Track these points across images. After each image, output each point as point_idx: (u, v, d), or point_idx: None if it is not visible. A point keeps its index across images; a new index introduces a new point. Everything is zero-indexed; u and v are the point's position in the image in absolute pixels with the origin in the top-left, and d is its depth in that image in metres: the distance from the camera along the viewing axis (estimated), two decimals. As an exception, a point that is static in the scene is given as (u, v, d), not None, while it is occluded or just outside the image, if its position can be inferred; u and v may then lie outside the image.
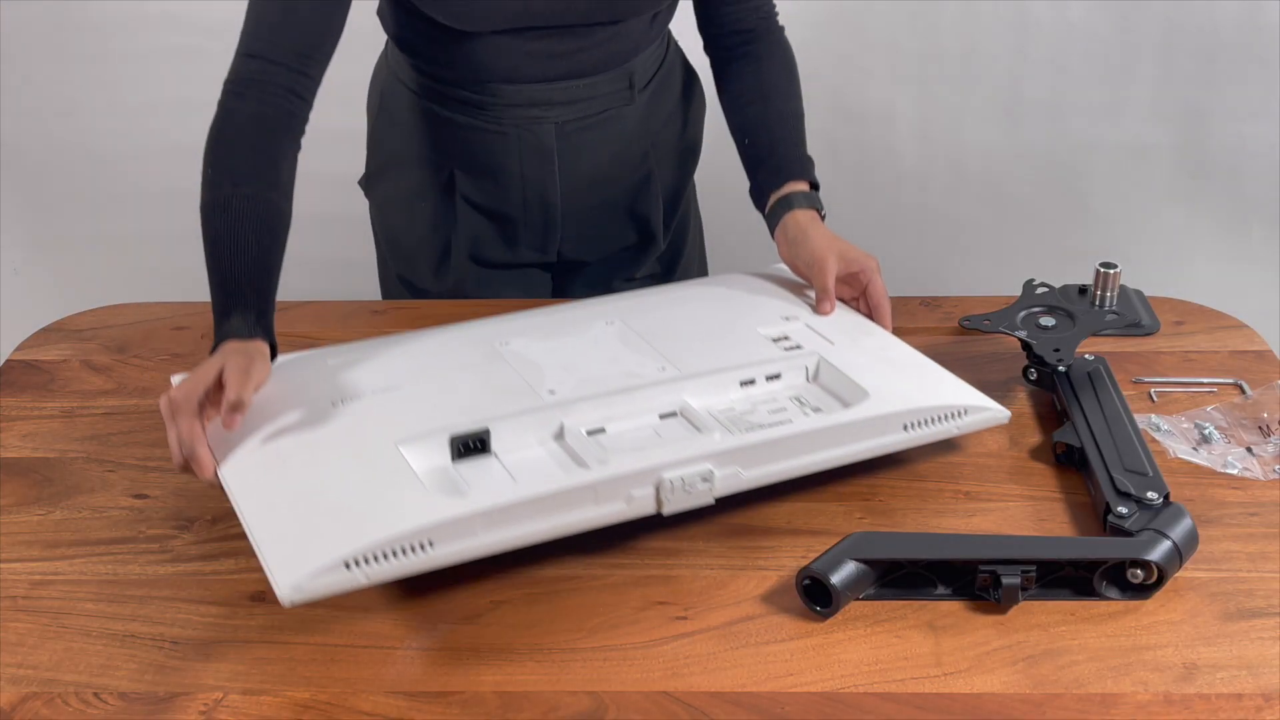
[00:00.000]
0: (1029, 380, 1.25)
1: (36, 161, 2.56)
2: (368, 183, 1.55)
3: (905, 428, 1.10)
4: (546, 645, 0.96)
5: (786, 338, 1.21)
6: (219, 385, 1.04)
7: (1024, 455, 1.17)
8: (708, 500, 1.02)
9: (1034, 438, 1.19)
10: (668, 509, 1.01)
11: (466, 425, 1.04)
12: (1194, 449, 1.16)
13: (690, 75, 1.51)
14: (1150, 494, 1.04)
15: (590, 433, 1.06)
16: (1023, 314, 1.30)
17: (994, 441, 1.18)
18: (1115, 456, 1.10)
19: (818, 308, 1.26)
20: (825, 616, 0.97)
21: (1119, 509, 1.03)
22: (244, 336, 1.09)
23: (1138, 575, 0.98)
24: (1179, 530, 1.00)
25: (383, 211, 1.54)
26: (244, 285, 1.12)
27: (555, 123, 1.39)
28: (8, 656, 0.95)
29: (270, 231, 1.15)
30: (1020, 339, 1.26)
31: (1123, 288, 1.40)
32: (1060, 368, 1.22)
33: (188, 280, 2.69)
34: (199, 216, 1.15)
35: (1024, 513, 1.09)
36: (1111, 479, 1.07)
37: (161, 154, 2.54)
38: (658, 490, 1.00)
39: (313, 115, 1.26)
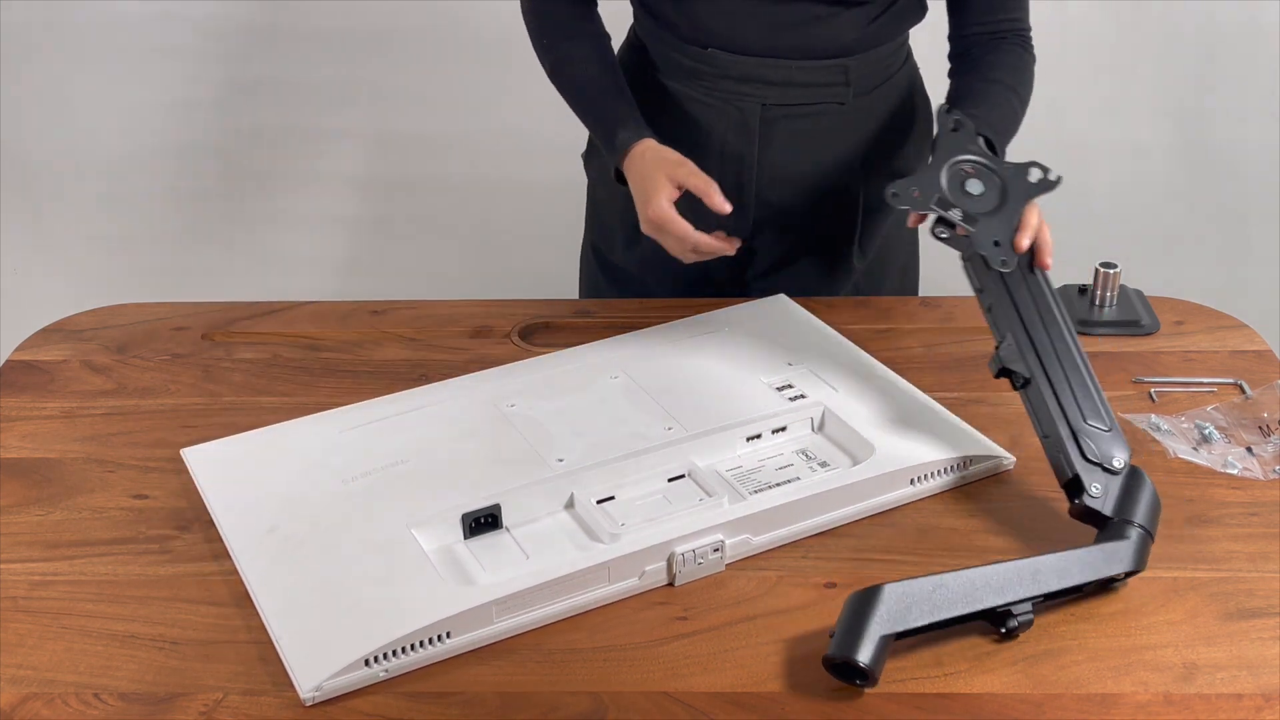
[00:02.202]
0: (938, 238, 1.14)
1: (36, 161, 2.56)
2: (588, 156, 1.57)
3: (912, 482, 1.10)
4: (546, 645, 0.96)
5: (790, 385, 1.21)
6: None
7: (1028, 455, 1.16)
8: (719, 569, 1.03)
9: (1034, 437, 1.19)
10: (680, 581, 1.02)
11: (477, 501, 1.05)
12: (1194, 449, 1.16)
13: (922, 101, 1.49)
14: (1115, 461, 1.03)
15: (600, 501, 1.07)
16: (947, 171, 1.15)
17: (995, 439, 1.18)
18: (1072, 399, 1.06)
19: (1017, 241, 1.14)
20: (868, 686, 0.92)
21: (1093, 487, 1.02)
22: (637, 140, 1.30)
23: (1119, 576, 0.98)
24: (1148, 511, 1.01)
25: (594, 185, 1.58)
26: (617, 103, 1.35)
27: (762, 102, 1.39)
28: (8, 657, 0.95)
29: (608, 60, 1.40)
30: (957, 222, 1.12)
31: (1123, 288, 1.40)
32: (1004, 270, 1.11)
33: (188, 280, 2.71)
34: (552, 85, 1.40)
35: (1023, 510, 1.09)
36: (1078, 442, 1.04)
37: (161, 154, 2.54)
38: (670, 564, 1.01)
39: (313, 116, 1.26)
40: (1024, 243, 1.14)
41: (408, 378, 1.29)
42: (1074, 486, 1.03)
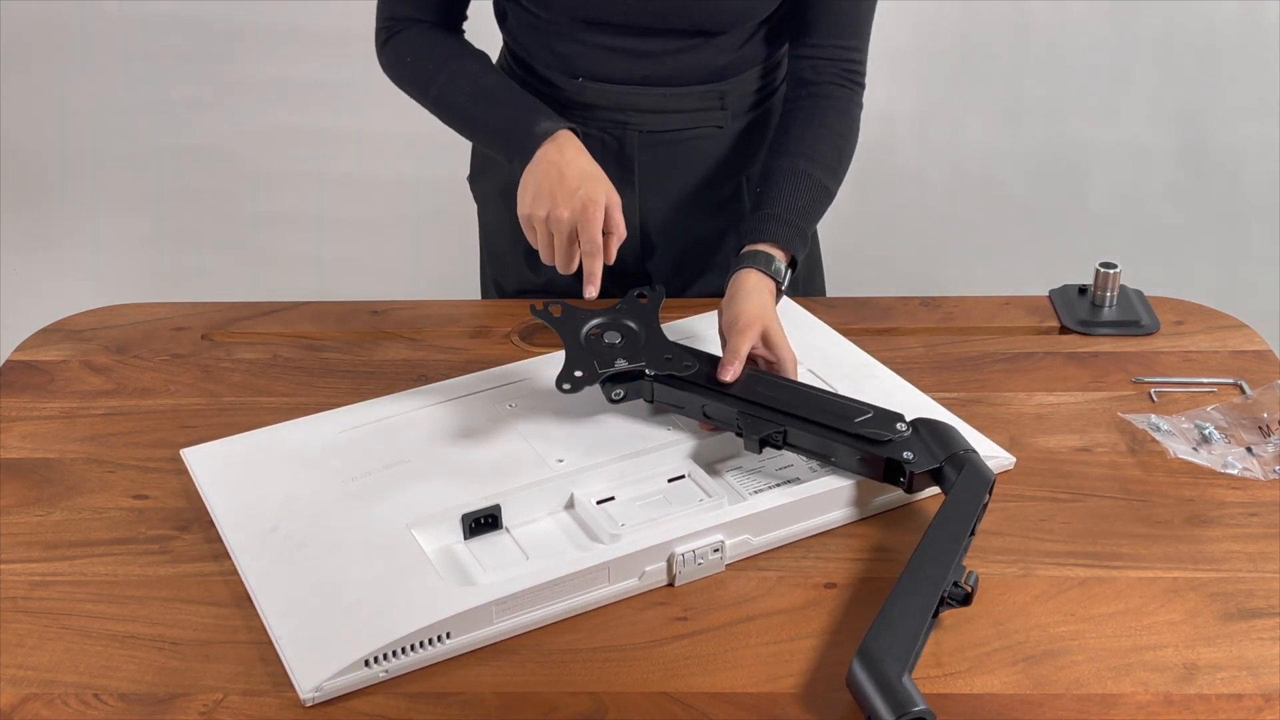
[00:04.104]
0: (613, 401, 1.14)
1: (36, 161, 2.56)
2: (473, 179, 1.55)
3: None
4: (546, 645, 0.96)
5: None
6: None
7: (1028, 455, 1.16)
8: (719, 569, 1.03)
9: (1034, 437, 1.19)
10: (680, 582, 1.02)
11: (477, 501, 1.06)
12: (1194, 449, 1.16)
13: None
14: (900, 425, 1.06)
15: (600, 502, 1.07)
16: (585, 344, 1.14)
17: (995, 439, 1.18)
18: (827, 416, 1.08)
19: (719, 371, 1.12)
20: None
21: (905, 456, 1.04)
22: (558, 129, 1.21)
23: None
24: (958, 436, 1.06)
25: (482, 208, 1.55)
26: (531, 100, 1.27)
27: (639, 131, 1.37)
28: (8, 657, 0.95)
29: (494, 69, 1.32)
30: (627, 367, 1.12)
31: (1123, 288, 1.40)
32: (689, 372, 1.13)
33: (188, 280, 2.70)
34: (440, 115, 1.32)
35: (1024, 510, 1.09)
36: (865, 438, 1.05)
37: (161, 154, 2.54)
38: (670, 564, 1.01)
39: (311, 117, 1.26)
40: (728, 374, 1.12)
41: (408, 378, 1.29)
42: (894, 470, 1.05)
